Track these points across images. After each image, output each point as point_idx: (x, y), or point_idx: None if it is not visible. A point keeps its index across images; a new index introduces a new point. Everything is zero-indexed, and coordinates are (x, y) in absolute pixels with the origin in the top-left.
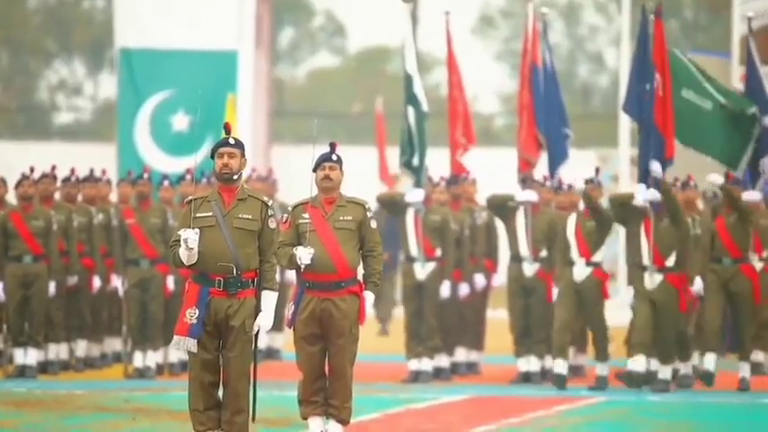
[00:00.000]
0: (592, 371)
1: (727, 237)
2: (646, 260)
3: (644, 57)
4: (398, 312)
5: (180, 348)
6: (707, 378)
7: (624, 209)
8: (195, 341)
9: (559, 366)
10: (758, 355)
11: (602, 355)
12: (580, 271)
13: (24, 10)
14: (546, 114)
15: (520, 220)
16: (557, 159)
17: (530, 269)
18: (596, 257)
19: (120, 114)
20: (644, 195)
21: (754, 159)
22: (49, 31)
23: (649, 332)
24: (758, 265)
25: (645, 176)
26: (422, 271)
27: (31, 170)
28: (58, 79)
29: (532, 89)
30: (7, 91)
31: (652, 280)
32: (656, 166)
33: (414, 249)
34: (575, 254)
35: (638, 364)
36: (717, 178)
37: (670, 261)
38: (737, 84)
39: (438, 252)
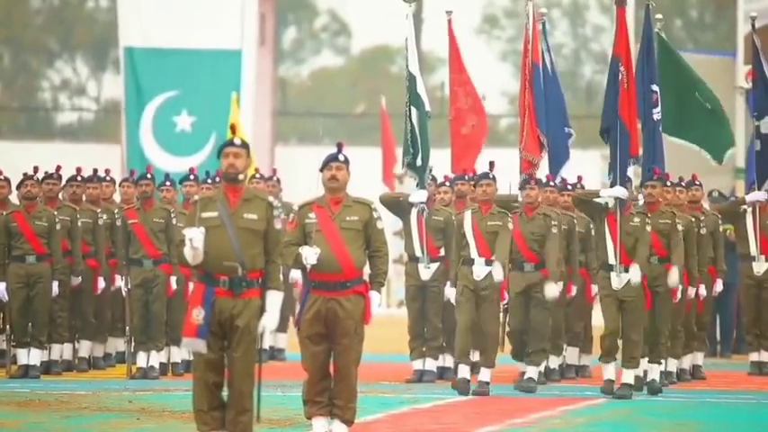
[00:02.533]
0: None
1: (655, 237)
2: (611, 259)
3: (648, 57)
4: (402, 312)
5: (190, 350)
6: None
7: (588, 206)
8: (204, 342)
9: (463, 371)
10: (762, 355)
11: (488, 360)
12: (479, 270)
13: (27, 9)
14: (547, 114)
15: None
16: (558, 159)
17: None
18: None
19: (127, 114)
20: (607, 193)
21: (762, 159)
22: (51, 31)
23: (618, 335)
24: (764, 266)
25: (620, 175)
26: (426, 271)
27: (35, 170)
28: (60, 79)
29: (534, 89)
30: (9, 91)
31: (619, 280)
32: (630, 173)
33: (417, 249)
34: (474, 252)
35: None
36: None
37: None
38: (743, 82)
39: (442, 252)
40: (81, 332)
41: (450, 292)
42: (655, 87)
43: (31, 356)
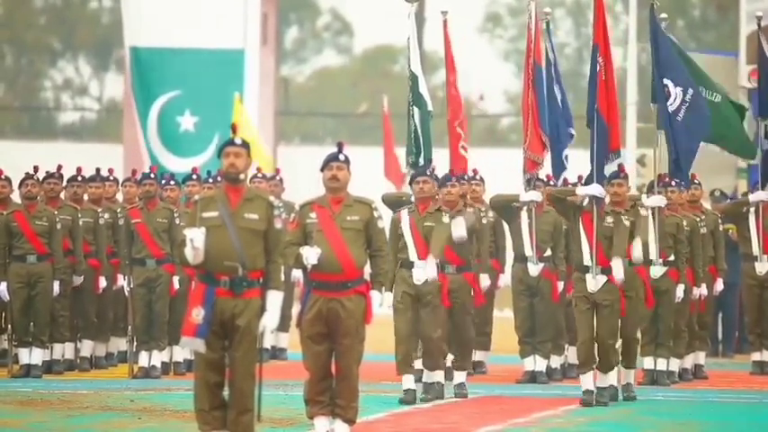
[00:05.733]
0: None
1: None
2: (587, 260)
3: (657, 52)
4: None
5: (188, 349)
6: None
7: (563, 205)
8: (203, 341)
9: (408, 382)
10: (764, 355)
11: (432, 363)
12: (419, 273)
13: (30, 9)
14: (549, 114)
15: (524, 220)
16: (559, 160)
17: (534, 269)
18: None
19: (139, 114)
20: (583, 191)
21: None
22: (54, 31)
23: (593, 343)
24: (767, 266)
25: (597, 172)
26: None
27: (35, 169)
28: (63, 79)
29: (536, 89)
30: (12, 90)
31: (595, 282)
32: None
33: None
34: (412, 254)
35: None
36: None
37: None
38: (745, 82)
39: None
40: (83, 331)
41: (387, 297)
42: (666, 81)
43: (33, 356)
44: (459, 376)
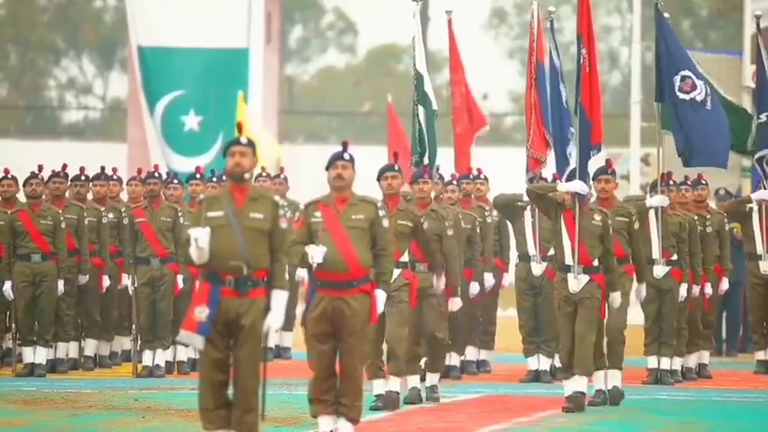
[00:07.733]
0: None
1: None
2: (569, 260)
3: (667, 49)
4: None
5: (185, 343)
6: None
7: (543, 201)
8: (202, 338)
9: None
10: None
11: (396, 368)
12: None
13: (33, 8)
14: (552, 113)
15: (527, 219)
16: (564, 158)
17: (538, 268)
18: (404, 257)
19: (152, 113)
20: (565, 187)
21: None
22: (58, 30)
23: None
24: None
25: (579, 167)
26: None
27: (39, 168)
28: (67, 78)
29: (539, 87)
30: (16, 89)
31: (577, 282)
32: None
33: None
34: None
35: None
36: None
37: (597, 260)
38: (749, 82)
39: None
40: (87, 330)
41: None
42: (686, 72)
43: (37, 355)
44: (432, 378)
